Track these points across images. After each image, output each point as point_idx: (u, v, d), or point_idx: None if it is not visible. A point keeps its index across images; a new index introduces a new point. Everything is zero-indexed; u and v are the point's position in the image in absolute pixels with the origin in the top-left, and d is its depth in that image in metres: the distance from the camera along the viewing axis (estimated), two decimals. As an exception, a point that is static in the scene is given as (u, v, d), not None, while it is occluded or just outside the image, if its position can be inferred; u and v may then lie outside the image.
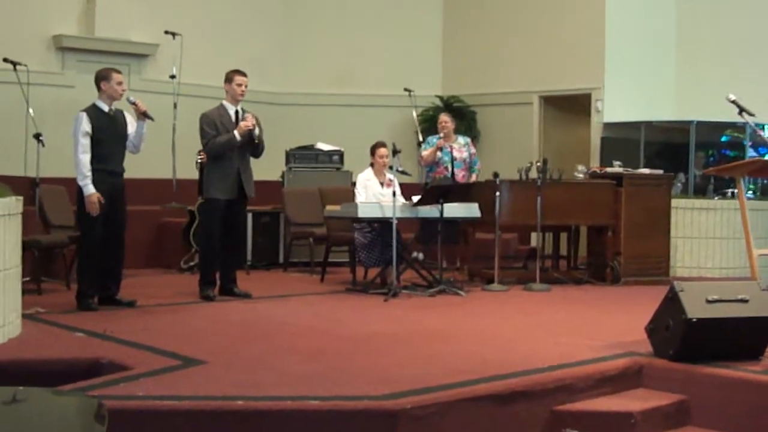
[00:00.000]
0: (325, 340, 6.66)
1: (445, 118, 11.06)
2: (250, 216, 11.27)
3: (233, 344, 6.42)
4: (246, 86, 8.69)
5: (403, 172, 9.51)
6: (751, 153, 12.20)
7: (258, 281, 9.82)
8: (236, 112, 8.65)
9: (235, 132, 8.47)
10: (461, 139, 11.11)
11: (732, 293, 5.90)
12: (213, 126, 8.55)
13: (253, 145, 8.67)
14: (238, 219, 8.81)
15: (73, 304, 7.81)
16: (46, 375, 5.53)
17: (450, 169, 10.71)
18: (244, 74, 8.71)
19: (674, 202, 10.67)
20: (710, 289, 5.97)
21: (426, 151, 10.86)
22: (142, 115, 7.94)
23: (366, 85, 13.90)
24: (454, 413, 4.91)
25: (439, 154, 10.75)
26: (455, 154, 10.78)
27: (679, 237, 10.94)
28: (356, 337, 6.78)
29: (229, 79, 8.71)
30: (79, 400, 3.70)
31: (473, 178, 10.86)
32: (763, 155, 12.03)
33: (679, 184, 11.58)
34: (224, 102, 8.71)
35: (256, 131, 8.59)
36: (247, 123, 8.48)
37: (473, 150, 11.04)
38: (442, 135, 10.84)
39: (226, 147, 8.51)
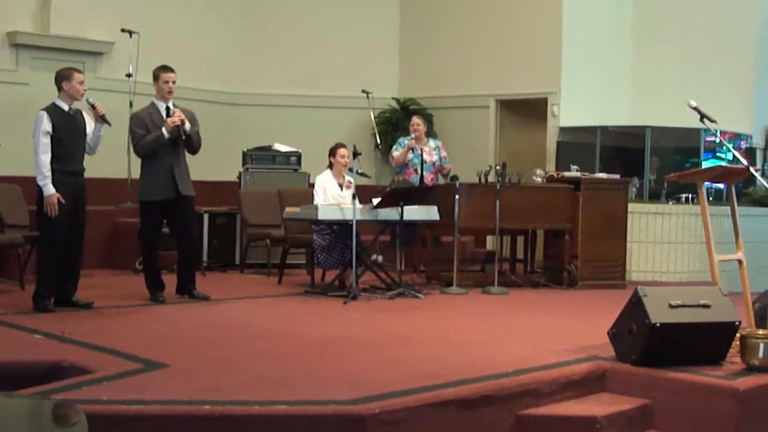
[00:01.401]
0: (288, 343, 6.62)
1: (417, 121, 11.06)
2: (206, 217, 11.21)
3: (195, 347, 6.36)
4: (174, 82, 8.51)
5: (363, 174, 9.49)
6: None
7: (215, 283, 9.74)
8: (167, 109, 8.50)
9: (163, 129, 8.31)
10: (432, 142, 11.13)
11: (694, 298, 5.94)
12: (143, 125, 8.39)
13: (184, 141, 8.52)
14: (184, 218, 8.58)
15: (28, 305, 7.69)
16: (4, 378, 5.42)
17: (419, 171, 10.72)
18: (171, 70, 8.55)
19: (630, 206, 10.76)
20: (673, 294, 6.01)
21: (397, 152, 10.84)
22: (100, 119, 7.85)
23: (324, 86, 13.86)
24: (421, 418, 4.90)
25: (410, 155, 10.75)
26: (425, 156, 10.79)
27: (635, 241, 11.03)
28: (319, 340, 6.73)
29: (156, 76, 8.57)
30: (32, 402, 3.64)
31: (450, 167, 10.83)
32: (707, 160, 12.16)
33: (633, 189, 11.67)
34: (155, 100, 8.58)
35: (186, 126, 8.41)
36: (174, 118, 8.29)
37: (444, 153, 11.04)
38: (413, 137, 10.83)
39: (156, 145, 8.33)
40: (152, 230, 8.53)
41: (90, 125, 7.93)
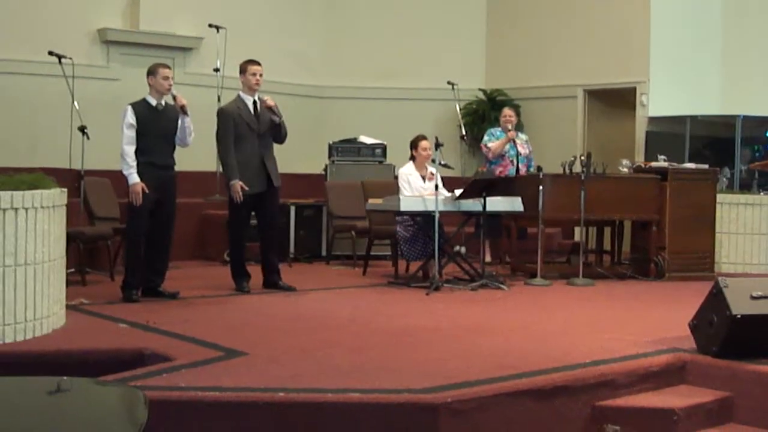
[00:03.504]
0: (367, 333, 6.67)
1: (509, 112, 11.03)
2: (292, 209, 11.33)
3: (275, 336, 6.44)
4: (261, 75, 8.64)
5: (445, 166, 9.48)
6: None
7: (301, 274, 9.85)
8: (254, 103, 8.64)
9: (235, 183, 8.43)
10: (522, 135, 11.10)
11: (777, 290, 5.83)
12: (229, 121, 8.51)
13: (274, 129, 8.66)
14: (273, 209, 8.76)
15: (116, 296, 7.89)
16: (89, 365, 5.58)
17: (515, 163, 10.69)
18: (258, 63, 8.68)
19: (719, 197, 10.55)
20: (755, 285, 5.90)
21: (493, 143, 10.80)
22: (180, 110, 8.01)
23: (409, 78, 13.87)
24: (494, 408, 4.90)
25: (506, 147, 10.72)
26: (519, 149, 10.76)
27: (724, 232, 10.82)
28: (398, 330, 6.77)
29: (243, 70, 8.70)
30: (122, 390, 3.73)
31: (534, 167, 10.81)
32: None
33: (724, 179, 11.46)
34: (241, 93, 8.70)
35: (276, 119, 8.60)
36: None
37: (531, 148, 11.01)
38: (508, 128, 10.79)
39: (227, 169, 8.51)
40: (242, 222, 8.66)
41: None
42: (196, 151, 9.79)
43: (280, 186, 8.75)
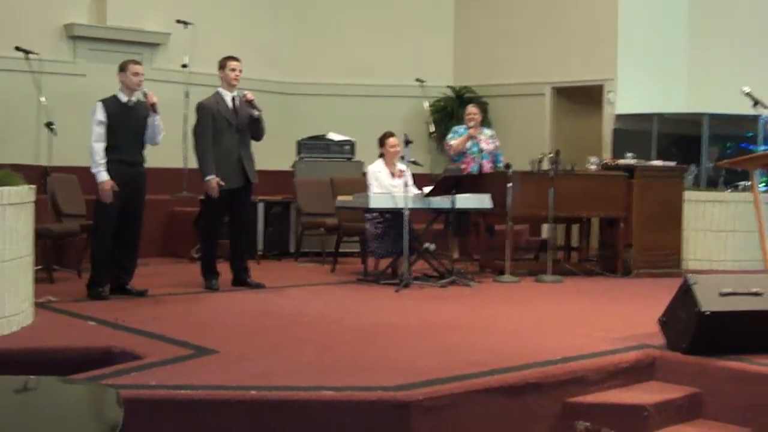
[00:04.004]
0: (337, 330, 6.66)
1: (473, 110, 11.04)
2: (261, 206, 11.29)
3: (245, 334, 6.42)
4: (240, 71, 8.64)
5: (414, 163, 9.49)
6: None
7: (269, 271, 9.82)
8: (233, 98, 8.62)
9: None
10: (487, 131, 11.11)
11: (745, 286, 5.87)
12: (208, 116, 8.49)
13: (253, 124, 8.64)
14: (245, 206, 8.79)
15: (84, 293, 7.83)
16: (58, 364, 5.54)
17: (478, 160, 10.71)
18: (237, 59, 8.67)
19: (686, 194, 10.63)
20: (724, 282, 5.94)
21: (455, 141, 10.81)
22: (151, 108, 7.95)
23: (378, 75, 13.85)
24: (466, 405, 4.91)
25: (468, 144, 10.73)
26: (483, 145, 10.77)
27: (691, 229, 10.89)
28: (368, 327, 6.78)
29: (221, 65, 8.68)
30: (91, 388, 3.71)
31: (503, 162, 10.81)
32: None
33: (690, 177, 11.54)
34: (220, 89, 8.67)
35: (255, 113, 8.59)
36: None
37: (498, 143, 11.03)
38: (470, 125, 10.80)
39: (203, 160, 8.48)
40: (216, 219, 8.63)
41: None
42: (164, 148, 9.71)
43: (256, 183, 8.74)
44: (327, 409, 4.69)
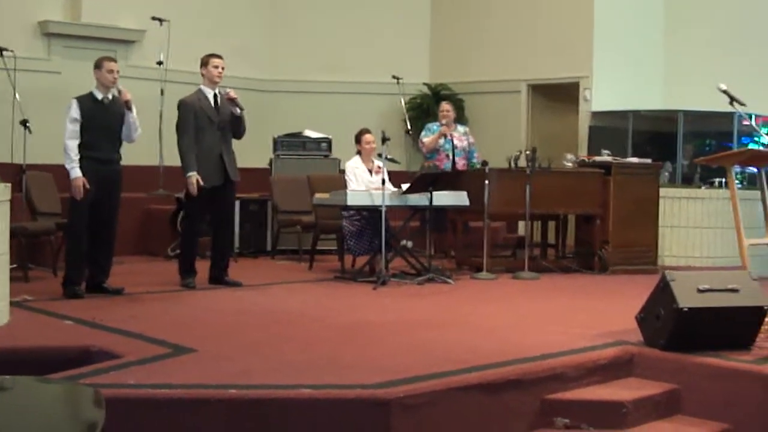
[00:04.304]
0: (316, 328, 6.64)
1: (446, 107, 11.03)
2: (237, 204, 11.21)
3: (223, 332, 6.40)
4: (223, 68, 8.61)
5: (391, 160, 9.49)
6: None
7: (246, 269, 9.78)
8: (215, 96, 8.59)
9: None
10: (461, 128, 11.11)
11: (723, 283, 5.91)
12: (191, 113, 8.44)
13: (235, 122, 8.61)
14: (228, 205, 8.77)
15: (60, 292, 7.77)
16: (34, 363, 5.49)
17: (451, 157, 10.70)
18: (219, 57, 8.64)
19: (662, 191, 10.68)
20: (701, 278, 5.98)
21: (427, 138, 10.81)
22: (125, 105, 7.91)
23: (354, 72, 13.84)
24: (445, 402, 4.91)
25: (441, 141, 10.72)
26: (456, 142, 10.77)
27: (667, 226, 10.95)
28: (347, 325, 6.77)
29: (204, 62, 8.64)
30: (68, 388, 3.67)
31: (478, 157, 10.82)
32: (746, 144, 12.03)
33: (666, 173, 11.59)
34: (202, 86, 8.63)
35: (237, 111, 8.57)
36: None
37: (472, 139, 11.03)
38: (443, 122, 10.79)
39: (187, 159, 8.43)
40: (197, 217, 8.59)
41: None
42: (139, 145, 9.68)
43: (238, 181, 8.71)
44: (306, 407, 4.68)
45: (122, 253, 9.66)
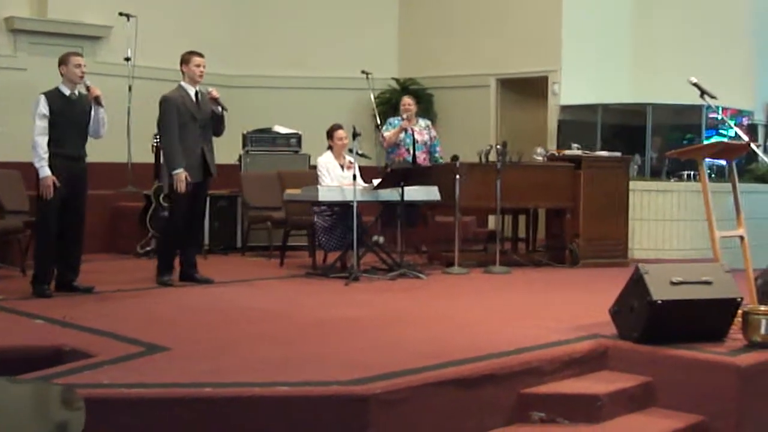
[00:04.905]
0: (290, 325, 6.61)
1: (408, 101, 10.98)
2: (207, 200, 11.16)
3: (196, 330, 6.35)
4: (204, 67, 8.57)
5: (362, 155, 9.46)
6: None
7: (216, 266, 9.73)
8: (196, 93, 8.54)
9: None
10: (422, 122, 11.06)
11: (696, 275, 5.93)
12: (173, 109, 8.38)
13: (216, 120, 8.58)
14: (203, 200, 8.76)
15: (29, 291, 7.68)
16: (5, 363, 5.42)
17: (411, 151, 10.66)
18: (201, 55, 8.59)
19: (632, 184, 10.72)
20: (674, 271, 5.99)
21: (388, 132, 10.77)
22: (95, 101, 7.83)
23: (323, 67, 13.81)
24: (422, 397, 4.89)
25: (401, 135, 10.69)
26: (417, 136, 10.71)
27: (636, 219, 11.00)
28: (320, 321, 6.73)
29: (186, 60, 8.58)
30: (39, 388, 3.64)
31: (440, 153, 10.80)
32: (710, 137, 12.11)
33: (635, 166, 11.64)
34: (183, 84, 8.57)
35: (219, 110, 8.56)
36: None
37: (434, 133, 10.99)
38: (404, 117, 10.76)
39: (172, 159, 8.38)
40: (182, 214, 8.50)
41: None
42: (107, 142, 9.61)
43: (215, 176, 8.68)
44: (283, 405, 4.64)
45: (90, 250, 9.56)
